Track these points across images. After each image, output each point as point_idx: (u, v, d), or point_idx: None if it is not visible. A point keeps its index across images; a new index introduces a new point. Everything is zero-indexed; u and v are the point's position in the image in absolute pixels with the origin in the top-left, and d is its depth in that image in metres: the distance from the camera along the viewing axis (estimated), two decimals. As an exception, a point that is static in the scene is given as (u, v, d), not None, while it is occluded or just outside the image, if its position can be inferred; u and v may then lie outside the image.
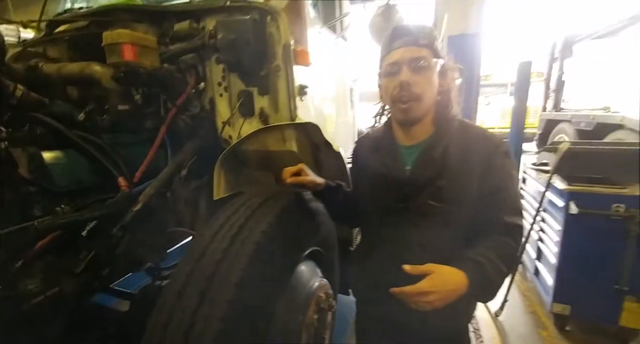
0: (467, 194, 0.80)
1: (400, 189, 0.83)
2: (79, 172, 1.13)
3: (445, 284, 0.68)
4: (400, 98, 0.78)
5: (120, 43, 1.13)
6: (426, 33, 0.80)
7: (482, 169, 0.79)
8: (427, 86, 0.78)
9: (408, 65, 0.77)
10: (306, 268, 1.04)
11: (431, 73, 0.78)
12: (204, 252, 0.74)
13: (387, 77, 0.81)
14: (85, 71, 1.21)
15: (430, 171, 0.80)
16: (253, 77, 1.29)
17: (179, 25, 1.32)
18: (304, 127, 1.30)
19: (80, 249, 1.00)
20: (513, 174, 0.83)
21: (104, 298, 1.62)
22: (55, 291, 0.89)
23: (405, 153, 0.87)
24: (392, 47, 0.80)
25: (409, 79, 0.76)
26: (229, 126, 1.37)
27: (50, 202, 1.03)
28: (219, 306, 0.64)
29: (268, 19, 1.21)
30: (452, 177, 0.79)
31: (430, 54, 0.78)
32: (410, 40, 0.78)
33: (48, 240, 0.93)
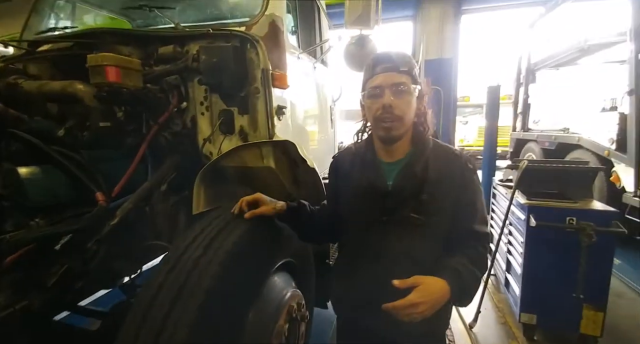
0: (444, 206, 0.87)
1: (382, 202, 0.88)
2: (56, 187, 1.13)
3: (431, 294, 0.74)
4: (383, 118, 0.86)
5: (105, 65, 1.19)
6: (406, 61, 0.88)
7: (456, 183, 0.88)
8: (407, 108, 0.87)
9: (390, 89, 0.85)
10: (279, 278, 1.09)
11: (410, 97, 0.87)
12: (178, 262, 0.78)
13: (370, 98, 0.88)
14: (67, 89, 1.25)
15: (411, 185, 0.87)
16: (233, 98, 1.37)
17: (163, 48, 1.40)
18: (281, 145, 1.38)
19: (53, 263, 1.00)
20: (480, 188, 0.93)
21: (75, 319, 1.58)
22: (24, 304, 0.89)
23: (386, 169, 0.93)
24: (375, 71, 0.88)
25: (391, 102, 0.84)
26: (210, 143, 1.43)
27: (26, 218, 1.04)
28: (189, 312, 0.68)
29: (248, 46, 1.32)
30: (430, 191, 0.86)
31: (410, 79, 0.87)
32: (392, 66, 0.86)
33: (18, 254, 0.93)
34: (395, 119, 0.85)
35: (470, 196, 0.89)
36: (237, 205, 0.97)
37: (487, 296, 2.64)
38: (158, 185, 1.34)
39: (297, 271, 1.25)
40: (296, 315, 1.07)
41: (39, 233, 0.95)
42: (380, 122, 0.87)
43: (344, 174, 0.99)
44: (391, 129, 0.86)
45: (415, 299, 0.71)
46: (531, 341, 2.06)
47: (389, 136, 0.88)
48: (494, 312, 2.45)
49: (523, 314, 2.00)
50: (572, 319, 1.85)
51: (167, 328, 0.66)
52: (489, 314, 2.41)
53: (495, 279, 2.80)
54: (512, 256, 2.27)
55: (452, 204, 0.88)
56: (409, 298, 0.71)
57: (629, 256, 3.23)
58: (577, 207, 1.84)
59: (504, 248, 2.42)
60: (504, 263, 2.43)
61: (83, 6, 2.11)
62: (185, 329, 0.66)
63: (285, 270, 1.16)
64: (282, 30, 1.48)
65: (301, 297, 1.15)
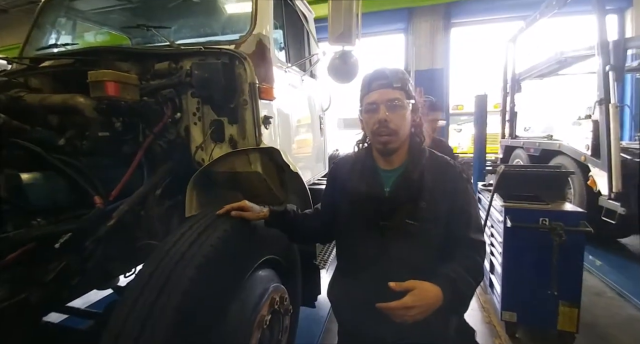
0: (439, 213, 0.90)
1: (379, 207, 0.92)
2: (56, 192, 1.21)
3: (424, 299, 0.77)
4: (379, 132, 0.91)
5: (104, 80, 1.30)
6: (399, 77, 0.92)
7: (451, 192, 0.91)
8: (402, 122, 0.91)
9: (385, 105, 0.90)
10: (263, 273, 1.17)
11: (405, 111, 0.92)
12: (167, 254, 0.88)
13: (367, 113, 0.94)
14: (69, 102, 1.35)
15: (408, 192, 0.91)
16: (224, 109, 1.49)
17: (159, 64, 1.53)
18: (267, 151, 1.49)
19: (52, 261, 1.08)
20: (474, 197, 0.98)
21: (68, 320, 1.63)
22: (22, 298, 0.96)
23: (384, 176, 0.97)
24: (371, 88, 0.93)
25: (386, 117, 0.89)
26: (202, 150, 1.54)
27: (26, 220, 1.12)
28: (174, 298, 0.77)
29: (237, 62, 1.45)
30: (426, 198, 0.89)
31: (404, 95, 0.92)
32: (386, 83, 0.91)
33: (20, 253, 1.01)
34: (391, 133, 0.90)
35: (463, 204, 0.92)
36: (222, 210, 1.04)
37: (474, 297, 2.71)
38: (153, 190, 1.44)
39: (282, 268, 1.34)
40: (279, 308, 1.15)
41: (39, 232, 1.04)
42: (377, 136, 0.92)
43: (343, 180, 1.02)
44: (388, 142, 0.92)
45: (409, 303, 0.75)
46: (513, 338, 2.13)
47: (386, 148, 0.93)
48: (479, 312, 2.52)
49: (504, 312, 2.09)
50: (549, 316, 1.93)
51: (155, 311, 0.75)
52: (475, 314, 2.48)
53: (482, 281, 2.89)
54: (494, 257, 2.37)
55: (446, 211, 0.91)
56: (403, 301, 0.75)
57: (610, 257, 3.36)
58: (549, 208, 1.95)
59: (487, 250, 2.51)
60: (488, 264, 2.52)
61: (83, 24, 2.25)
62: (170, 312, 0.75)
63: (269, 267, 1.25)
64: (268, 47, 1.61)
65: (284, 291, 1.23)
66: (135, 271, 1.48)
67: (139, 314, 0.75)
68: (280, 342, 1.23)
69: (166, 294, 0.78)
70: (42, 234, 1.04)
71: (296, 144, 2.10)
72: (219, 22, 1.98)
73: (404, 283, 0.78)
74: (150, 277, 0.83)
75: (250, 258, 1.10)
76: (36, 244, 1.03)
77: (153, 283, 0.81)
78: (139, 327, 0.73)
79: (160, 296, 0.78)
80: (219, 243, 0.92)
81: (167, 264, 0.85)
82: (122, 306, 0.78)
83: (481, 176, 4.80)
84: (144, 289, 0.80)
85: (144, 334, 0.72)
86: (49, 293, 1.03)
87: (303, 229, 1.09)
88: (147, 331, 0.72)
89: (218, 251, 0.90)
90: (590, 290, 2.69)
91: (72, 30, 2.19)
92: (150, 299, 0.77)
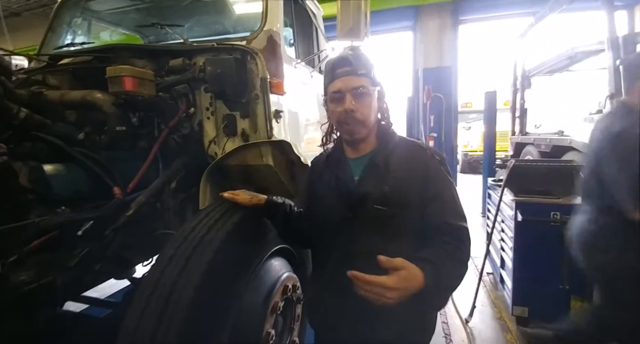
0: (409, 198, 0.85)
1: (350, 198, 0.88)
2: (77, 183, 1.28)
3: (409, 282, 0.69)
4: (345, 121, 0.88)
5: (122, 76, 1.35)
6: (363, 63, 0.87)
7: (421, 175, 0.86)
8: (368, 110, 0.88)
9: (350, 93, 0.86)
10: (276, 261, 1.21)
11: (370, 99, 0.88)
12: (185, 239, 0.91)
13: (332, 102, 0.90)
14: (87, 98, 1.41)
15: (375, 178, 0.87)
16: (236, 103, 1.53)
17: (173, 61, 1.57)
18: (278, 145, 1.52)
19: (75, 247, 1.13)
20: (449, 181, 0.89)
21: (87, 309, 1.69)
22: (49, 279, 1.01)
23: (353, 165, 0.93)
24: (335, 75, 0.88)
25: (352, 106, 0.85)
26: (215, 144, 1.58)
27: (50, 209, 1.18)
28: (194, 278, 0.81)
29: (248, 57, 1.48)
30: (394, 182, 0.85)
31: (369, 82, 0.88)
32: (350, 70, 0.86)
33: (45, 239, 1.06)
34: (357, 123, 0.87)
35: (436, 188, 0.86)
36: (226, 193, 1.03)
37: (485, 293, 2.70)
38: (168, 182, 1.48)
39: (294, 258, 1.37)
40: (291, 296, 1.18)
41: (63, 219, 1.09)
42: (344, 125, 0.89)
43: (317, 176, 0.99)
44: (354, 132, 0.89)
45: (390, 283, 0.67)
46: (525, 333, 2.12)
47: (353, 138, 0.91)
48: (490, 308, 2.51)
49: (515, 307, 2.07)
50: (561, 311, 1.91)
51: (176, 290, 0.79)
52: (485, 310, 2.47)
53: (492, 277, 2.87)
54: (504, 253, 2.35)
55: (418, 195, 0.86)
56: (384, 279, 0.67)
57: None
58: (560, 202, 1.94)
59: (497, 245, 2.50)
60: (499, 260, 2.51)
61: (98, 24, 2.32)
62: (191, 291, 0.78)
63: (282, 256, 1.28)
64: (278, 43, 1.64)
65: (296, 280, 1.26)
66: (152, 260, 1.53)
67: (161, 293, 0.79)
68: (292, 330, 1.26)
69: (186, 276, 0.81)
70: (65, 221, 1.09)
71: (305, 138, 2.13)
72: (230, 20, 2.03)
73: (395, 259, 0.70)
74: (170, 260, 0.86)
75: (264, 245, 1.13)
76: (60, 232, 1.08)
77: (173, 266, 0.85)
78: (162, 304, 0.77)
79: (180, 277, 0.81)
80: (235, 230, 0.95)
81: (186, 249, 0.88)
82: (145, 286, 0.82)
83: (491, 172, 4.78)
84: (164, 271, 0.84)
85: (166, 311, 0.76)
86: (73, 277, 1.08)
87: (292, 226, 1.04)
88: (170, 309, 0.76)
89: (234, 237, 0.94)
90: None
91: (88, 30, 2.26)
92: (171, 280, 0.81)
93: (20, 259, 0.97)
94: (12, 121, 1.19)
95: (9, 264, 0.95)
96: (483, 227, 4.06)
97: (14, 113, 1.18)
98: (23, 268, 0.98)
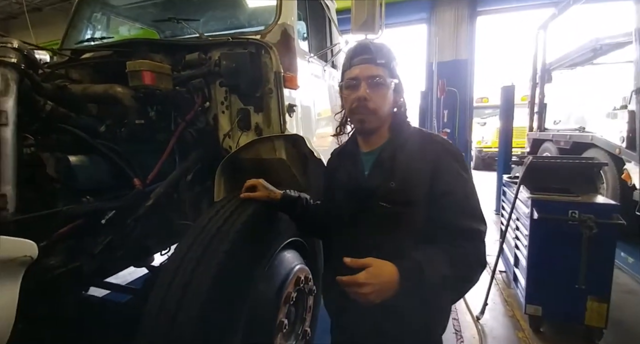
0: (416, 195, 0.81)
1: (359, 193, 0.87)
2: (100, 173, 1.32)
3: (378, 277, 0.69)
4: (357, 110, 0.85)
5: (141, 70, 1.39)
6: (384, 53, 0.85)
7: (431, 170, 0.81)
8: (382, 101, 0.85)
9: (366, 81, 0.83)
10: (289, 253, 1.23)
11: (386, 90, 0.85)
12: (203, 230, 0.95)
13: (347, 89, 0.88)
14: (109, 91, 1.45)
15: (382, 173, 0.85)
16: (250, 97, 1.54)
17: (189, 55, 1.60)
18: (291, 139, 1.53)
19: (99, 235, 1.19)
20: (463, 177, 0.83)
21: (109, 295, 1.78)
22: (76, 265, 1.07)
23: (364, 159, 0.91)
24: (353, 62, 0.87)
25: (366, 94, 0.83)
26: (229, 138, 1.61)
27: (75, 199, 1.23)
28: (211, 267, 0.84)
29: (262, 51, 1.49)
30: (401, 179, 0.82)
31: (387, 72, 0.85)
32: (369, 58, 0.84)
33: (72, 226, 1.12)
34: (369, 112, 0.85)
35: (446, 184, 0.81)
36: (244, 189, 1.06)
37: (497, 291, 2.67)
38: (185, 175, 1.52)
39: (306, 251, 1.39)
40: (303, 287, 1.21)
41: (88, 208, 1.14)
42: (355, 114, 0.87)
43: (333, 169, 0.99)
44: (364, 121, 0.86)
45: (360, 278, 0.68)
46: (538, 332, 2.09)
47: (363, 128, 0.89)
48: (502, 306, 2.48)
49: (529, 305, 2.04)
50: (576, 311, 1.88)
51: (194, 279, 0.82)
52: (497, 308, 2.45)
53: (505, 275, 2.83)
54: (519, 251, 2.32)
55: (424, 192, 0.81)
56: (356, 276, 0.69)
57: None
58: (579, 200, 1.88)
59: (512, 243, 2.46)
60: (512, 258, 2.47)
61: (117, 19, 2.37)
62: (208, 280, 0.82)
63: (295, 248, 1.30)
64: (292, 37, 1.64)
65: (309, 272, 1.29)
66: (170, 249, 1.59)
67: (181, 280, 0.82)
68: (304, 320, 1.29)
69: (204, 264, 0.84)
70: (90, 210, 1.14)
71: (318, 132, 2.14)
72: (245, 14, 2.04)
73: (360, 259, 0.71)
74: (188, 249, 0.90)
75: (277, 237, 1.15)
76: (85, 220, 1.14)
77: (191, 255, 0.88)
78: (180, 292, 0.81)
79: (199, 265, 0.84)
80: (249, 221, 0.98)
81: (204, 239, 0.91)
82: (165, 273, 0.86)
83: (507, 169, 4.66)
84: (183, 260, 0.87)
85: (185, 297, 0.79)
86: (97, 264, 1.14)
87: (312, 220, 1.04)
88: (189, 295, 0.79)
89: (248, 228, 0.96)
90: (620, 288, 2.58)
91: (107, 25, 2.32)
92: (190, 267, 0.84)
93: (49, 245, 1.02)
94: (39, 114, 1.24)
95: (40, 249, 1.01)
96: (496, 225, 3.99)
97: (41, 106, 1.23)
98: (52, 254, 1.04)
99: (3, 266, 0.70)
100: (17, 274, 0.74)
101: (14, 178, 0.95)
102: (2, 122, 0.94)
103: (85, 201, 1.17)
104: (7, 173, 0.93)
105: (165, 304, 0.80)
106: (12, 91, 0.99)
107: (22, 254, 0.73)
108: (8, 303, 0.71)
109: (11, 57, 1.01)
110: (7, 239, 0.72)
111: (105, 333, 1.33)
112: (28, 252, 0.75)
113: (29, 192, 1.08)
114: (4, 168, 0.93)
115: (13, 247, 0.73)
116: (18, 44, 1.04)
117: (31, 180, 1.11)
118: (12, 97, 0.99)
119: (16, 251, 0.73)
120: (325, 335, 1.04)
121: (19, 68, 1.03)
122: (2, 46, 1.01)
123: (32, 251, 0.76)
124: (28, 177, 1.08)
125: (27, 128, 1.15)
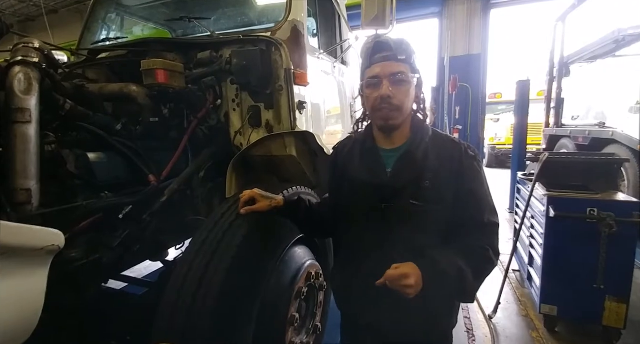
0: (444, 193, 0.85)
1: (381, 190, 0.87)
2: (117, 170, 1.37)
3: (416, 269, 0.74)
4: (380, 108, 0.85)
5: (155, 69, 1.42)
6: (404, 49, 0.85)
7: (455, 170, 0.86)
8: (405, 97, 0.85)
9: (388, 79, 0.84)
10: (300, 249, 1.24)
11: (408, 86, 0.86)
12: (216, 224, 0.97)
13: (369, 88, 0.87)
14: (124, 90, 1.49)
15: (411, 172, 0.86)
16: (260, 95, 1.56)
17: (201, 54, 1.62)
18: (301, 135, 1.54)
19: (117, 229, 1.23)
20: (482, 174, 0.89)
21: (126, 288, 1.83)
22: (96, 257, 1.11)
23: (385, 156, 0.91)
24: (374, 60, 0.86)
25: (389, 92, 0.83)
26: (240, 135, 1.63)
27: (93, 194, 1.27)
28: (225, 260, 0.86)
29: (273, 49, 1.49)
30: (430, 177, 0.84)
31: (408, 68, 0.86)
32: (390, 55, 0.84)
33: (92, 220, 1.16)
34: (393, 109, 0.85)
35: (469, 182, 0.86)
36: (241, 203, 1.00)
37: (511, 290, 2.62)
38: (197, 172, 1.55)
39: (317, 247, 1.40)
40: (314, 282, 1.22)
41: (107, 203, 1.18)
42: (379, 112, 0.87)
43: (344, 164, 0.98)
44: (389, 118, 0.86)
45: (405, 270, 0.72)
46: (553, 332, 2.05)
47: (387, 125, 0.88)
48: (515, 305, 2.44)
49: (544, 305, 2.00)
50: (593, 311, 1.83)
51: (209, 272, 0.84)
52: (510, 307, 2.40)
53: (519, 274, 2.78)
54: (533, 250, 2.26)
55: (453, 191, 0.86)
56: (401, 269, 0.72)
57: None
58: (599, 198, 1.82)
59: (526, 242, 2.40)
60: (527, 257, 2.42)
61: (130, 19, 2.42)
62: (222, 273, 0.84)
63: (305, 244, 1.31)
64: (302, 33, 1.64)
65: (319, 267, 1.30)
66: (185, 243, 1.62)
67: (196, 273, 0.85)
68: (315, 315, 1.30)
69: (217, 258, 0.86)
70: (109, 205, 1.18)
71: (327, 129, 2.14)
72: (255, 11, 2.05)
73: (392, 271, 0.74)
74: (202, 244, 0.92)
75: (288, 233, 1.17)
76: (104, 215, 1.18)
77: (206, 249, 0.90)
78: (196, 284, 0.83)
79: (213, 259, 0.86)
80: (260, 217, 0.99)
81: (217, 233, 0.93)
82: (181, 266, 0.88)
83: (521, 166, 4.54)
84: (198, 253, 0.89)
85: (200, 290, 0.81)
86: (115, 257, 1.18)
87: (316, 220, 1.04)
88: (203, 288, 0.81)
89: (260, 224, 0.98)
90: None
91: (121, 25, 2.37)
92: (205, 261, 0.86)
93: (71, 238, 1.06)
94: (59, 112, 1.28)
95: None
96: (510, 223, 3.90)
97: (61, 105, 1.27)
98: (73, 246, 1.08)
99: (33, 254, 0.73)
100: (45, 262, 0.78)
101: (37, 174, 0.99)
102: (26, 120, 0.98)
103: (103, 196, 1.20)
104: (32, 169, 0.97)
105: (181, 296, 0.83)
106: (34, 89, 1.02)
107: (50, 243, 0.76)
108: (37, 290, 0.74)
109: (33, 57, 1.04)
110: (37, 229, 0.75)
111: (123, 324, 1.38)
112: (56, 241, 0.78)
113: (50, 187, 1.13)
114: (28, 164, 0.96)
115: (42, 236, 0.75)
116: (39, 45, 1.08)
117: (53, 176, 1.15)
118: (35, 95, 1.02)
119: (45, 240, 0.75)
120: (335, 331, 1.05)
121: (41, 67, 1.07)
122: (24, 46, 1.05)
123: (60, 240, 0.79)
124: (50, 173, 1.13)
125: (48, 126, 1.20)
